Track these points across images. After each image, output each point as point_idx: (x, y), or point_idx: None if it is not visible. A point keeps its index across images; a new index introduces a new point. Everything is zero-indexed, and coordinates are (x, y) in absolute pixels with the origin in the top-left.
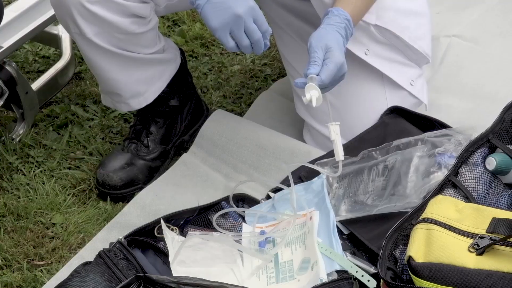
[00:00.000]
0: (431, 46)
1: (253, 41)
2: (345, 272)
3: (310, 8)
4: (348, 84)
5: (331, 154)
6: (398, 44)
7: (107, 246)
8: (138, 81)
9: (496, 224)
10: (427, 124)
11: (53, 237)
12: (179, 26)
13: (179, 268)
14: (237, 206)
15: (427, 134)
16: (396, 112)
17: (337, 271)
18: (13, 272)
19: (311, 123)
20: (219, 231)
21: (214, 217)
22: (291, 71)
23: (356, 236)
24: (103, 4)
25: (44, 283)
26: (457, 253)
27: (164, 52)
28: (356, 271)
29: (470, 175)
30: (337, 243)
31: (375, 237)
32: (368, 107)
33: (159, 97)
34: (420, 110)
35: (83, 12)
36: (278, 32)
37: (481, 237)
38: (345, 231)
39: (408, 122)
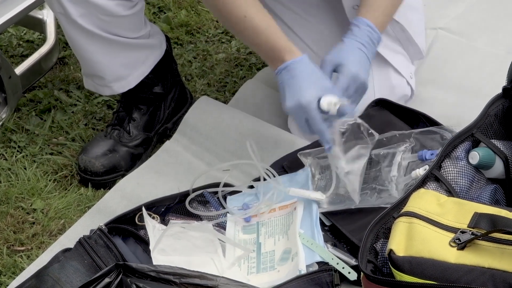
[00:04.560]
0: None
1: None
2: (326, 263)
3: None
4: None
5: (315, 144)
6: (402, 37)
7: (87, 233)
8: (121, 65)
9: (478, 219)
10: (412, 117)
11: (33, 223)
12: (165, 13)
13: (160, 256)
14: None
15: (413, 131)
16: (381, 104)
17: (318, 263)
18: None
19: None
20: (201, 220)
21: (187, 201)
22: None
23: (337, 227)
24: None
25: (23, 269)
26: (438, 247)
27: (149, 38)
28: (337, 263)
29: (453, 169)
30: (319, 234)
31: (356, 229)
32: None
33: (143, 83)
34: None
35: None
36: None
37: (463, 232)
38: (327, 223)
39: (393, 114)
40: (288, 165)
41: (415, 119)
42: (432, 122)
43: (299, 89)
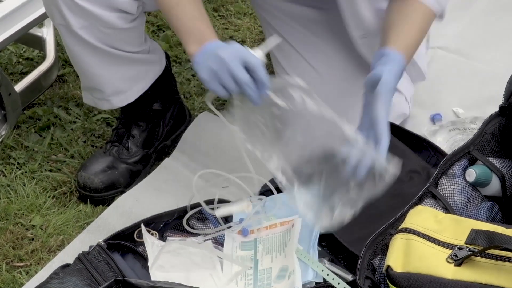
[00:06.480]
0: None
1: (240, 86)
2: (323, 280)
3: (304, 12)
4: (336, 92)
5: None
6: None
7: (86, 249)
8: (121, 79)
9: (474, 236)
10: (415, 142)
11: (32, 239)
12: (164, 31)
13: (158, 273)
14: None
15: None
16: None
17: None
18: None
19: None
20: (197, 235)
21: (185, 219)
22: (279, 70)
23: (334, 242)
24: None
25: (22, 284)
26: (436, 263)
27: (149, 53)
28: (333, 279)
29: (450, 187)
30: (315, 253)
31: (355, 241)
32: (354, 116)
33: (142, 99)
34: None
35: (70, 5)
36: (270, 32)
37: (460, 248)
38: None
39: (394, 136)
40: None
41: (418, 145)
42: (435, 150)
43: (218, 52)
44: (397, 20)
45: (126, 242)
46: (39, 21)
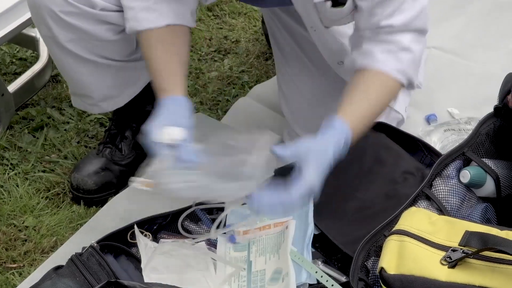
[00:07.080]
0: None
1: None
2: (317, 282)
3: None
4: (332, 94)
5: None
6: None
7: (79, 250)
8: (110, 86)
9: (468, 237)
10: (409, 143)
11: (25, 240)
12: None
13: (151, 274)
14: (213, 213)
15: None
16: (376, 126)
17: (310, 284)
18: None
19: (293, 127)
20: (191, 238)
21: (179, 220)
22: (281, 68)
23: (328, 244)
24: (77, 15)
25: (15, 286)
26: (429, 265)
27: (140, 60)
28: (326, 280)
29: (444, 188)
30: (308, 255)
31: (349, 242)
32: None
33: (134, 101)
34: None
35: (58, 20)
36: (272, 28)
37: (454, 250)
38: (316, 232)
39: (388, 138)
40: (278, 170)
41: (413, 146)
42: (430, 150)
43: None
44: (353, 89)
45: (119, 244)
46: (32, 22)
